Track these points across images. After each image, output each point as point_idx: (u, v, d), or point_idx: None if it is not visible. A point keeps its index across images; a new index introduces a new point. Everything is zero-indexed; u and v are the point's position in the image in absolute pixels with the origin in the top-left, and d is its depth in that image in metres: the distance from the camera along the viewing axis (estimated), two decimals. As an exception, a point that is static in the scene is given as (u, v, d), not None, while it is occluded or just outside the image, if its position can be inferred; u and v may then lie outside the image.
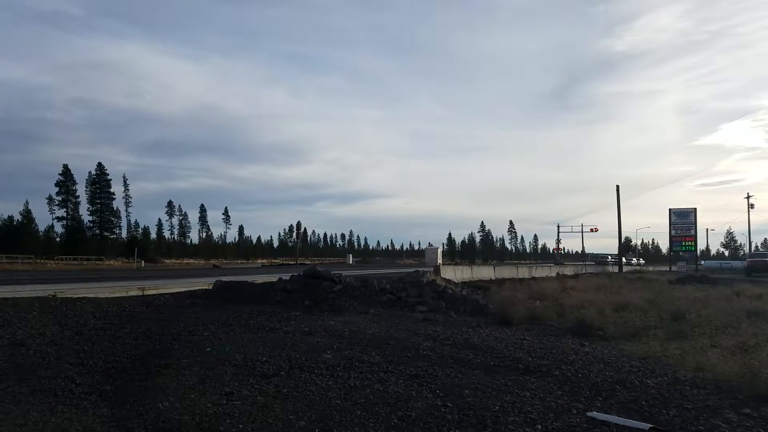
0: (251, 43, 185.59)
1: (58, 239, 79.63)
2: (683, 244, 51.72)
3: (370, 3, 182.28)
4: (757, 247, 79.03)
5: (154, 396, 5.05)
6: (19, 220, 76.61)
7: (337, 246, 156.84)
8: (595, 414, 4.91)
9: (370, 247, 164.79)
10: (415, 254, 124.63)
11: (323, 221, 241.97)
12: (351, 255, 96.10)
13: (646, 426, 4.57)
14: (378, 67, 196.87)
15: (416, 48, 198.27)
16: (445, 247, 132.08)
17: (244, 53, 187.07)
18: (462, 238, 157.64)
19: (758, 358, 6.93)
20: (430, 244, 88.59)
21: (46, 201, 78.30)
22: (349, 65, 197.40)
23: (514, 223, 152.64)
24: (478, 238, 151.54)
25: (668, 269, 51.92)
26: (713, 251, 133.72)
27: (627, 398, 5.55)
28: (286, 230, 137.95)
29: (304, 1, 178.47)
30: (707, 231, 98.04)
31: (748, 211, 64.76)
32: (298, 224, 71.10)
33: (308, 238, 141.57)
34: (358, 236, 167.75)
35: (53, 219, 79.29)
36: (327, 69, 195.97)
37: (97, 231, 78.87)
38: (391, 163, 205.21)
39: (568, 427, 4.56)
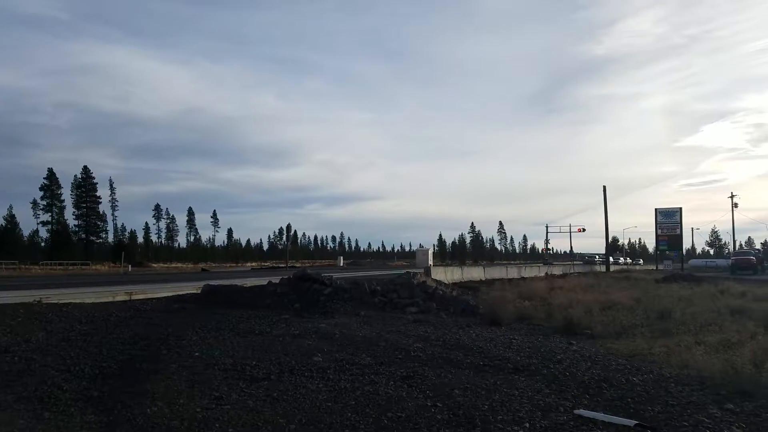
0: (239, 47, 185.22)
1: (42, 244, 78.86)
2: (669, 243, 52.24)
3: (357, 8, 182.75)
4: (741, 245, 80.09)
5: (143, 401, 5.02)
6: (3, 224, 75.74)
7: (328, 248, 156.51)
8: (582, 412, 4.97)
9: (361, 249, 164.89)
10: (406, 256, 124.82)
11: (313, 223, 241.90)
12: (342, 257, 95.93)
13: (632, 422, 4.63)
14: (365, 71, 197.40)
15: (403, 52, 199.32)
16: (435, 248, 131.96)
17: (232, 57, 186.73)
18: (452, 239, 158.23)
19: (741, 355, 7.03)
20: (420, 246, 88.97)
21: (31, 205, 77.75)
22: (336, 69, 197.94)
23: (503, 223, 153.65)
24: (468, 239, 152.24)
25: (655, 268, 52.50)
26: (699, 250, 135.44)
27: (613, 396, 5.62)
28: (276, 233, 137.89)
29: (291, 6, 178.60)
30: (692, 230, 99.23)
31: (732, 211, 65.84)
32: (288, 227, 70.65)
33: (298, 241, 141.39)
34: (348, 238, 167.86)
35: (38, 223, 78.66)
36: (315, 72, 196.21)
37: (83, 235, 78.13)
38: (381, 165, 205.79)
39: (555, 425, 4.61)
